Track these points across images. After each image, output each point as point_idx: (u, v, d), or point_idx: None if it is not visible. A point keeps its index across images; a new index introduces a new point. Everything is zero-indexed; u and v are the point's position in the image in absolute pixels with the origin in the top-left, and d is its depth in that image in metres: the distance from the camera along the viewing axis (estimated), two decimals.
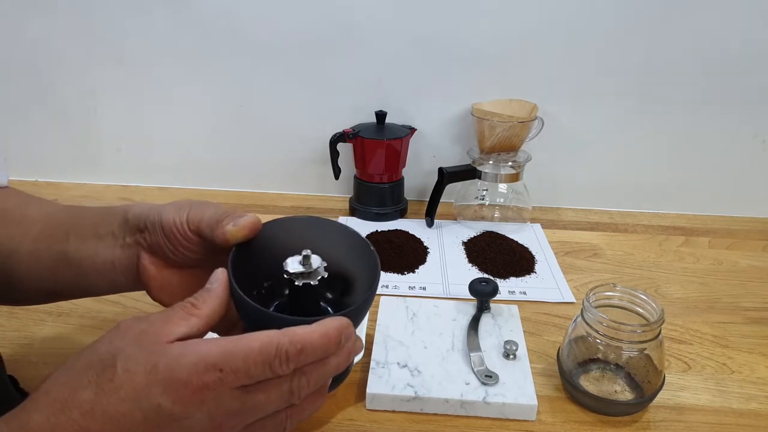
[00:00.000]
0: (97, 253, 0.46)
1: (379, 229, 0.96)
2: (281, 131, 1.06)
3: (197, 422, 0.34)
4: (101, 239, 0.46)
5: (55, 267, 0.47)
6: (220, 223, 0.42)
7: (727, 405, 0.61)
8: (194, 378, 0.33)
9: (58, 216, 0.49)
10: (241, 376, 0.34)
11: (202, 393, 0.33)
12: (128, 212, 0.46)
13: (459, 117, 1.02)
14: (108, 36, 1.00)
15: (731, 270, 0.88)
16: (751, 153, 1.01)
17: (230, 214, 0.42)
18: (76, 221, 0.48)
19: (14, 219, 0.49)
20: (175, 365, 0.33)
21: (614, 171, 1.05)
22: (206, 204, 0.44)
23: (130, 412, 0.33)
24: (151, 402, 0.33)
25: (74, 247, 0.46)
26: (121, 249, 0.46)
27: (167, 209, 0.44)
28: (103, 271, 0.46)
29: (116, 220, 0.46)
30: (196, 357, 0.33)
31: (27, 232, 0.48)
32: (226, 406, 0.34)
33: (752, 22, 0.92)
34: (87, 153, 1.10)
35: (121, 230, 0.46)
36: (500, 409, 0.57)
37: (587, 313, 0.58)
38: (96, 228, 0.47)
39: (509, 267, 0.85)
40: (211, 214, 0.43)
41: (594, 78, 0.97)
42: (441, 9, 0.94)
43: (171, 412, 0.33)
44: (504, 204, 1.01)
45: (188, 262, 0.45)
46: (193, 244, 0.44)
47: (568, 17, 0.94)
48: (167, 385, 0.33)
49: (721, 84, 0.96)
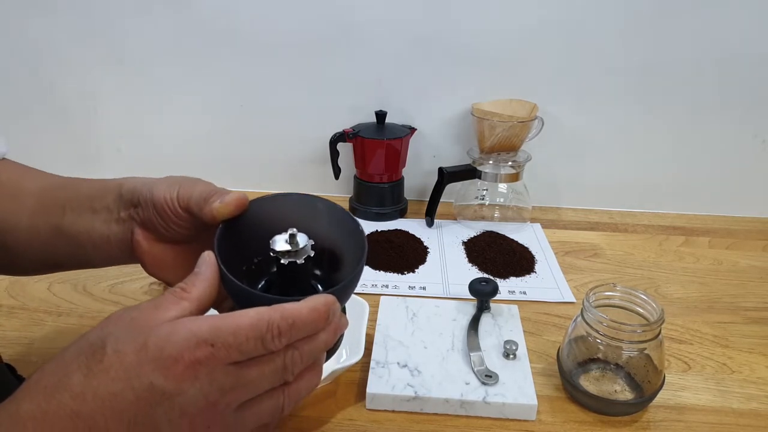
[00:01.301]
0: (93, 228, 0.46)
1: (379, 229, 0.96)
2: (281, 131, 1.06)
3: (191, 399, 0.33)
4: (97, 213, 0.47)
5: (53, 241, 0.47)
6: (208, 200, 0.42)
7: (728, 405, 0.61)
8: (186, 353, 0.33)
9: (54, 189, 0.49)
10: (233, 352, 0.33)
11: (195, 369, 0.33)
12: (122, 186, 0.46)
13: (459, 117, 1.02)
14: (108, 36, 1.00)
15: (731, 270, 0.88)
16: (751, 153, 1.01)
17: (218, 191, 0.43)
18: (72, 195, 0.48)
19: (10, 193, 0.49)
20: (165, 343, 0.33)
21: (614, 171, 1.05)
22: (197, 181, 0.44)
23: (122, 392, 0.32)
24: (143, 381, 0.32)
25: (70, 221, 0.47)
26: (116, 223, 0.46)
27: (159, 186, 0.44)
28: (99, 244, 0.47)
29: (111, 195, 0.47)
30: (186, 333, 0.33)
31: (23, 207, 0.48)
32: (220, 382, 0.34)
33: (752, 22, 0.92)
34: (87, 153, 1.10)
35: (116, 205, 0.46)
36: (500, 409, 0.57)
37: (587, 313, 0.58)
38: (91, 202, 0.47)
39: (509, 267, 0.85)
40: (200, 191, 0.43)
41: (594, 78, 0.97)
42: (441, 9, 0.94)
43: (164, 390, 0.32)
44: (504, 204, 1.01)
45: (181, 237, 0.45)
46: (184, 221, 0.44)
47: (568, 17, 0.94)
48: (158, 363, 0.32)
49: (722, 84, 0.96)
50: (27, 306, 0.74)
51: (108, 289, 0.78)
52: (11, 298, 0.75)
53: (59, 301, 0.75)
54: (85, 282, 0.79)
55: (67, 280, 0.79)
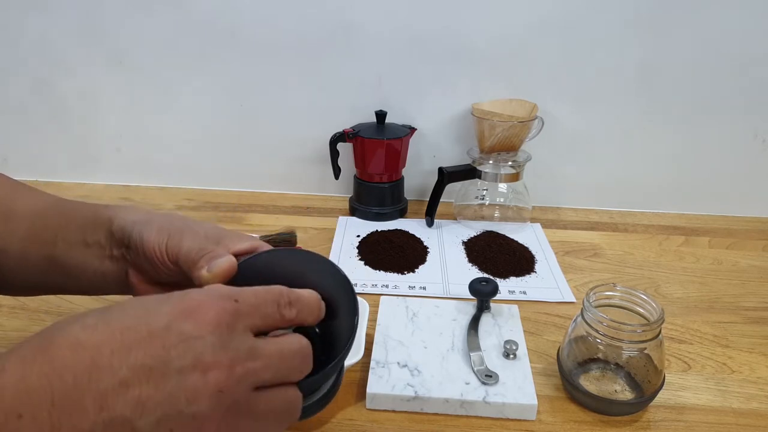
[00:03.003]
0: (86, 262, 0.46)
1: (379, 229, 0.96)
2: (281, 131, 1.06)
3: (208, 345, 0.31)
4: (89, 247, 0.46)
5: (46, 269, 0.47)
6: (196, 264, 0.41)
7: (728, 405, 0.61)
8: (208, 300, 0.32)
9: (46, 216, 0.48)
10: (254, 312, 0.33)
11: (218, 316, 0.31)
12: (113, 223, 0.45)
13: (459, 117, 1.02)
14: (108, 36, 1.00)
15: (731, 270, 0.88)
16: (751, 153, 1.01)
17: (205, 253, 0.41)
18: (64, 224, 0.47)
19: (2, 215, 0.48)
20: (188, 292, 0.32)
21: (614, 171, 1.05)
22: (184, 232, 0.43)
23: (136, 326, 0.30)
24: (160, 320, 0.30)
25: (63, 251, 0.46)
26: (109, 261, 0.45)
27: (147, 233, 0.43)
28: (94, 279, 0.46)
29: (102, 230, 0.46)
30: (212, 287, 0.33)
31: (14, 231, 0.47)
32: (239, 341, 0.32)
33: (752, 22, 0.92)
34: (87, 153, 1.10)
35: (108, 242, 0.45)
36: (500, 409, 0.57)
37: (587, 312, 0.58)
38: (83, 235, 0.46)
39: (509, 267, 0.85)
40: (187, 249, 0.42)
41: (594, 78, 0.97)
42: (441, 9, 0.94)
43: (181, 330, 0.30)
44: (504, 204, 1.01)
45: (174, 281, 0.44)
46: (174, 271, 0.43)
47: (569, 17, 0.94)
48: (180, 306, 0.31)
49: (722, 84, 0.96)
50: (27, 306, 0.73)
51: None
52: (11, 298, 0.75)
53: (59, 301, 0.75)
54: None
55: None
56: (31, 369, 0.28)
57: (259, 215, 1.01)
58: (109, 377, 0.28)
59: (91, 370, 0.28)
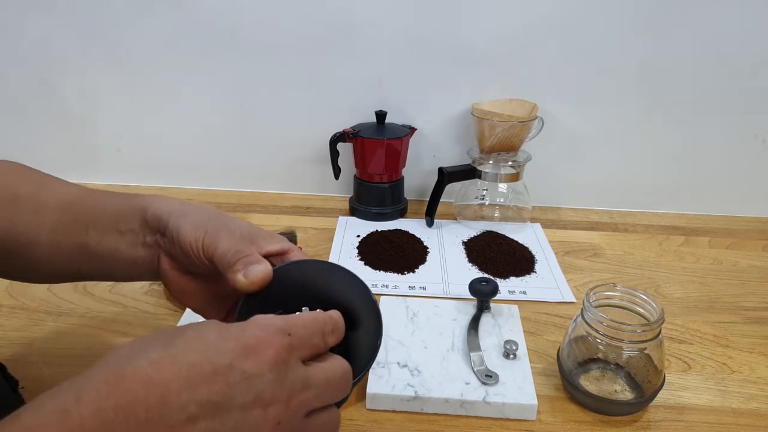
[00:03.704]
0: (119, 249, 0.46)
1: (379, 229, 0.96)
2: (281, 131, 1.06)
3: (268, 385, 0.33)
4: (122, 235, 0.46)
5: (77, 257, 0.48)
6: (232, 267, 0.42)
7: (728, 405, 0.61)
8: (267, 338, 0.33)
9: (75, 206, 0.49)
10: (305, 344, 0.35)
11: (276, 354, 0.33)
12: (147, 212, 0.46)
13: (459, 117, 1.02)
14: (108, 36, 1.00)
15: (731, 270, 0.88)
16: (751, 153, 1.01)
17: (242, 257, 0.42)
18: (95, 213, 0.48)
19: (30, 207, 0.49)
20: (246, 327, 0.34)
21: (614, 171, 1.05)
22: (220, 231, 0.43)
23: (200, 363, 0.32)
24: (223, 358, 0.32)
25: (95, 240, 0.47)
26: (142, 247, 0.46)
27: (184, 227, 0.44)
28: (126, 265, 0.47)
29: (136, 218, 0.46)
30: (264, 322, 0.35)
31: (44, 222, 0.48)
32: (294, 376, 0.34)
33: (752, 23, 0.92)
34: (87, 153, 1.10)
35: (142, 229, 0.46)
36: (500, 409, 0.57)
37: (587, 312, 0.58)
38: (116, 223, 0.47)
39: (509, 267, 0.85)
40: (223, 250, 0.42)
41: (594, 78, 0.97)
42: (441, 9, 0.94)
43: (244, 370, 0.32)
44: (504, 204, 1.01)
45: (206, 274, 0.45)
46: (207, 267, 0.44)
47: (569, 17, 0.94)
48: (240, 343, 0.33)
49: (722, 84, 0.96)
50: (27, 306, 0.74)
51: (108, 289, 0.78)
52: (11, 298, 0.75)
53: (59, 301, 0.75)
54: (85, 282, 0.79)
55: None
56: (107, 402, 0.29)
57: (259, 215, 1.01)
58: (177, 413, 0.30)
59: (161, 405, 0.30)
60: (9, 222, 0.48)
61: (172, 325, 0.64)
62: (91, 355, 0.65)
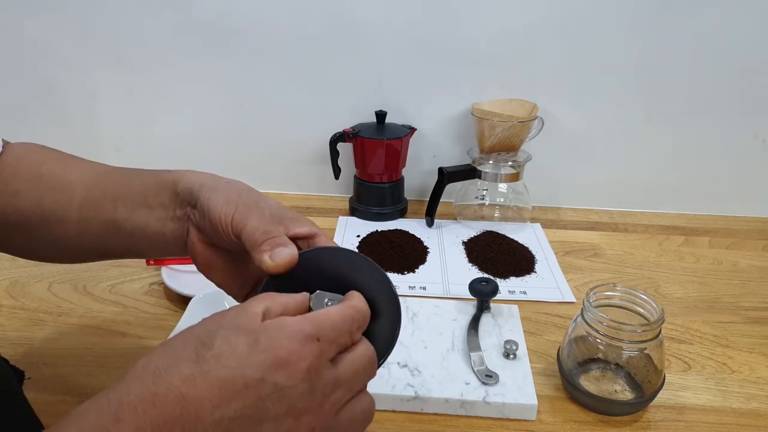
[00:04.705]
0: (148, 224, 0.47)
1: (379, 229, 0.96)
2: (281, 131, 1.06)
3: (300, 395, 0.33)
4: (152, 210, 0.47)
5: (105, 234, 0.48)
6: (259, 247, 0.41)
7: (728, 405, 0.61)
8: (296, 348, 0.33)
9: (102, 182, 0.49)
10: (333, 346, 0.35)
11: (307, 362, 0.33)
12: (178, 184, 0.46)
13: (459, 117, 1.02)
14: (108, 36, 1.00)
15: (731, 270, 0.88)
16: (751, 153, 1.01)
17: (270, 237, 0.42)
18: (123, 189, 0.48)
19: (56, 185, 0.49)
20: (276, 337, 0.34)
21: (614, 171, 1.05)
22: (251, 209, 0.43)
23: (232, 378, 0.32)
24: (255, 372, 0.32)
25: (123, 216, 0.47)
26: (171, 221, 0.46)
27: (216, 201, 0.44)
28: (155, 240, 0.47)
29: (166, 192, 0.47)
30: (294, 328, 0.34)
31: (71, 200, 0.48)
32: (325, 380, 0.34)
33: (752, 22, 0.92)
34: (87, 153, 1.08)
35: (172, 202, 0.46)
36: (500, 409, 0.57)
37: (587, 312, 0.58)
38: (145, 198, 0.47)
39: (509, 267, 0.85)
40: (251, 228, 0.42)
41: (594, 78, 0.97)
42: (441, 9, 0.94)
43: (275, 382, 0.33)
44: (504, 204, 1.01)
45: (233, 249, 0.45)
46: (235, 243, 0.44)
47: (568, 17, 0.94)
48: (271, 355, 0.33)
49: (721, 84, 0.96)
50: (27, 306, 0.74)
51: (108, 289, 0.78)
52: (11, 298, 0.75)
53: (59, 301, 0.75)
54: (86, 282, 0.79)
55: (67, 280, 0.79)
56: (144, 421, 0.30)
57: None
58: (212, 428, 0.31)
59: (197, 422, 0.31)
60: (35, 200, 0.48)
61: (172, 325, 0.64)
62: (91, 355, 0.65)
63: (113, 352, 0.66)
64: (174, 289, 0.73)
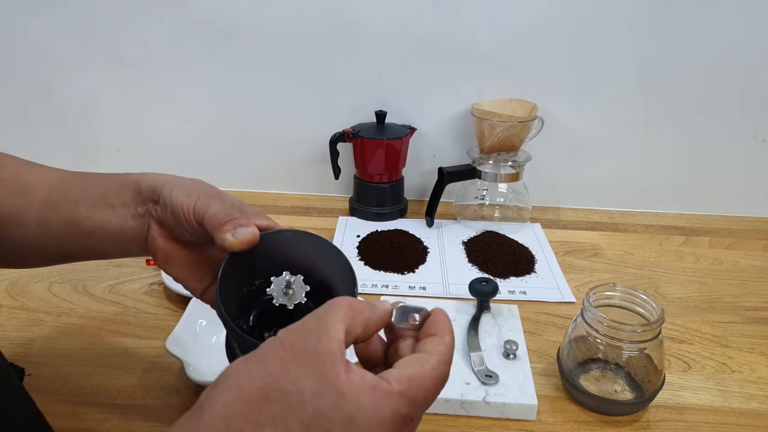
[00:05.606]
0: (110, 222, 0.47)
1: (379, 229, 0.96)
2: (281, 131, 1.06)
3: None
4: (113, 208, 0.47)
5: (65, 235, 0.48)
6: (221, 227, 0.42)
7: (728, 404, 0.61)
8: None
9: (64, 184, 0.50)
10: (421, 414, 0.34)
11: None
12: (140, 183, 0.47)
13: (459, 117, 1.02)
14: (108, 36, 1.00)
15: (731, 270, 0.88)
16: (751, 153, 1.01)
17: (232, 218, 0.43)
18: (84, 191, 0.49)
19: (15, 188, 0.49)
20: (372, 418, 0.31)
21: (614, 171, 1.05)
22: (213, 196, 0.45)
23: None
24: None
25: (84, 215, 0.48)
26: (133, 218, 0.47)
27: (178, 193, 0.45)
28: (115, 238, 0.48)
29: (128, 191, 0.47)
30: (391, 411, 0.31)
31: (31, 202, 0.48)
32: None
33: (752, 22, 0.92)
34: (87, 153, 1.10)
35: (134, 200, 0.47)
36: (500, 409, 0.57)
37: (587, 312, 0.58)
38: (107, 198, 0.48)
39: (509, 267, 0.85)
40: (213, 212, 0.43)
41: (594, 78, 0.97)
42: (441, 9, 0.94)
43: None
44: (504, 204, 1.01)
45: (194, 241, 0.47)
46: (197, 231, 0.45)
47: (568, 17, 0.94)
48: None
49: (722, 84, 0.96)
50: (27, 306, 0.74)
51: (108, 289, 0.78)
52: (11, 298, 0.75)
53: (59, 301, 0.75)
54: (86, 282, 0.79)
55: (67, 280, 0.79)
56: None
57: None
58: None
59: None
60: None
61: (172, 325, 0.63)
62: (91, 355, 0.65)
63: (113, 352, 0.66)
64: (174, 290, 0.73)
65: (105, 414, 0.57)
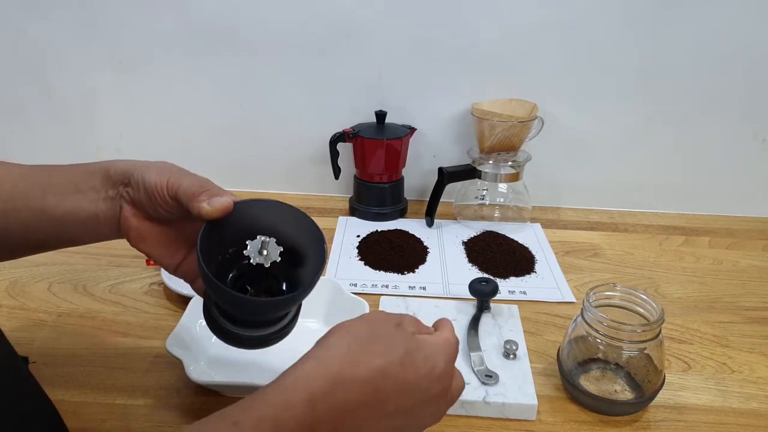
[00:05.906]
0: (80, 207, 0.48)
1: (379, 229, 0.96)
2: (281, 131, 1.06)
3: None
4: (83, 194, 0.48)
5: (35, 223, 0.49)
6: (197, 197, 0.45)
7: (728, 404, 0.61)
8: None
9: (29, 176, 0.51)
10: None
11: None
12: (110, 168, 0.49)
13: (459, 117, 1.02)
14: (108, 36, 1.00)
15: (731, 270, 0.88)
16: (751, 153, 1.01)
17: (206, 189, 0.45)
18: (52, 180, 0.50)
19: None
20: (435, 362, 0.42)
21: (614, 171, 1.05)
22: (184, 173, 0.47)
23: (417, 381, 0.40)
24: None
25: (53, 203, 0.48)
26: (103, 202, 0.48)
27: (150, 172, 0.47)
28: (87, 223, 0.49)
29: (97, 176, 0.49)
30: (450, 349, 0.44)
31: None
32: None
33: (752, 22, 0.92)
34: (87, 153, 1.10)
35: (104, 185, 0.48)
36: (500, 409, 0.57)
37: (587, 312, 0.58)
38: (75, 185, 0.49)
39: (509, 267, 0.85)
40: (187, 185, 0.45)
41: (594, 78, 0.97)
42: (441, 9, 0.94)
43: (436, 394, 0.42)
44: (504, 204, 1.01)
45: (166, 217, 0.48)
46: (170, 207, 0.47)
47: (569, 17, 0.94)
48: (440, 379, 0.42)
49: (722, 84, 0.96)
50: (27, 306, 0.74)
51: (108, 289, 0.78)
52: (11, 298, 0.75)
53: (59, 301, 0.75)
54: (86, 282, 0.79)
55: (67, 280, 0.79)
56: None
57: None
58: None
59: None
60: None
61: (172, 325, 0.63)
62: (91, 355, 0.65)
63: (113, 352, 0.66)
64: (174, 289, 0.73)
65: (105, 414, 0.57)
